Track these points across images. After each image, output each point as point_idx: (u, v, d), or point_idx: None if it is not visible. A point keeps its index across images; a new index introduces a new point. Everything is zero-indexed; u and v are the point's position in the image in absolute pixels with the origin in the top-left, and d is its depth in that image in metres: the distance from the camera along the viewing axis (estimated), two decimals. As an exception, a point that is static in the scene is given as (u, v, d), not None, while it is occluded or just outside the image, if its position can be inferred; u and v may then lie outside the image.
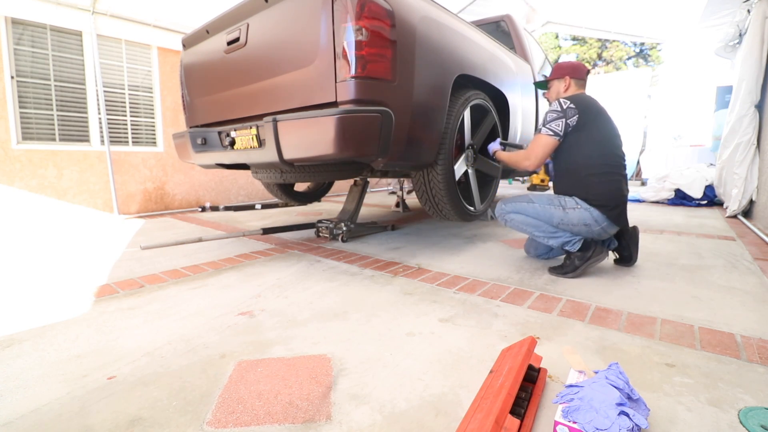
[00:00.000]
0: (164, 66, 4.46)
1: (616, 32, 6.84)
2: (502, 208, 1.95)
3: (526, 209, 1.85)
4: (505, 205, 1.93)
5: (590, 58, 16.32)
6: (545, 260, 2.09)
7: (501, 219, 1.97)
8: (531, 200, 1.86)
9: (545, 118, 1.84)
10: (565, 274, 1.80)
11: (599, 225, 1.76)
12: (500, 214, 1.96)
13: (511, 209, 1.90)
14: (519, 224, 1.90)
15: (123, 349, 1.15)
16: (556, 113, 1.80)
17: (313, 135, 1.63)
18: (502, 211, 1.95)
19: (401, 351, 1.11)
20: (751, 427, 0.77)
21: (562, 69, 1.95)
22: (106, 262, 2.17)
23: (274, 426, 0.81)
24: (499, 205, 1.97)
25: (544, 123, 1.83)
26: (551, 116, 1.81)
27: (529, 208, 1.85)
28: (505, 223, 1.95)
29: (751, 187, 3.41)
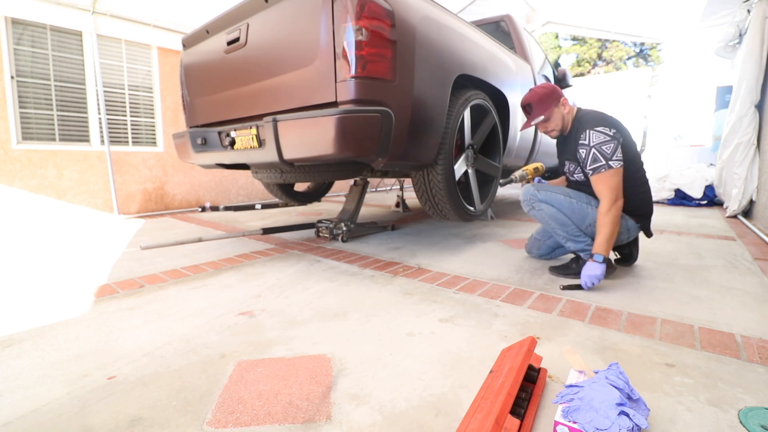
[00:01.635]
0: (164, 66, 4.46)
1: (616, 32, 6.83)
2: (533, 193, 1.78)
3: (561, 203, 1.74)
4: (538, 192, 1.77)
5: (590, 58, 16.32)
6: (546, 260, 2.09)
7: (527, 204, 1.81)
8: (569, 195, 1.76)
9: (603, 152, 1.61)
10: (566, 275, 1.79)
11: (629, 233, 1.77)
12: (528, 200, 1.80)
13: (544, 198, 1.76)
14: (546, 216, 1.77)
15: (123, 349, 1.15)
16: (610, 140, 1.61)
17: (313, 135, 1.63)
18: (532, 197, 1.78)
19: (401, 351, 1.11)
20: (751, 427, 0.77)
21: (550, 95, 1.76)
22: (106, 262, 2.17)
23: (274, 426, 0.81)
24: (530, 189, 1.80)
25: (608, 157, 1.60)
26: (609, 147, 1.61)
27: (565, 202, 1.75)
28: (530, 209, 1.80)
29: (751, 187, 3.41)
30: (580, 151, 1.68)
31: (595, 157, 1.63)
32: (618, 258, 1.99)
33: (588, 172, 1.67)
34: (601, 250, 1.59)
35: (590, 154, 1.64)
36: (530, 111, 1.81)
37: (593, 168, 1.64)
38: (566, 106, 1.79)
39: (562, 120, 1.80)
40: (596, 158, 1.63)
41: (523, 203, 1.84)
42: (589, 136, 1.64)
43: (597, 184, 1.65)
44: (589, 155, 1.64)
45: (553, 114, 1.78)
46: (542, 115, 1.76)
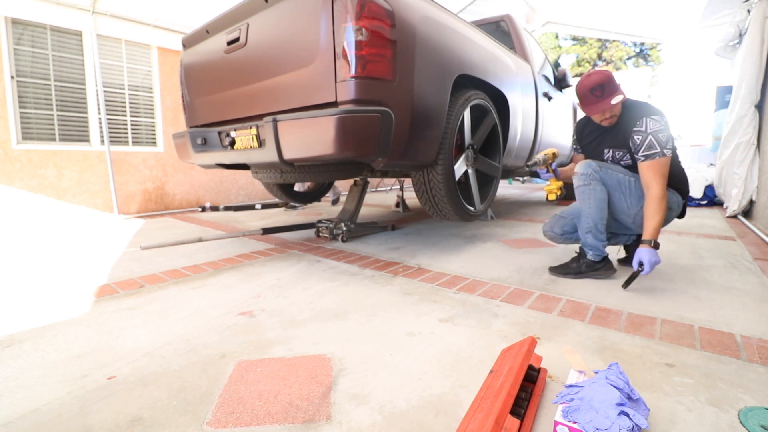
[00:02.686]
0: (164, 66, 4.46)
1: (616, 32, 6.83)
2: (595, 169, 1.68)
3: (621, 182, 1.69)
4: (600, 170, 1.68)
5: (590, 58, 16.32)
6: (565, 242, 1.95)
7: (584, 178, 1.68)
8: (630, 175, 1.71)
9: (659, 140, 1.60)
10: (566, 274, 1.80)
11: (677, 211, 1.77)
12: (589, 174, 1.68)
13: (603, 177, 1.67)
14: (593, 198, 1.68)
15: (123, 349, 1.15)
16: (665, 129, 1.61)
17: (313, 135, 1.63)
18: (593, 172, 1.68)
19: (401, 351, 1.11)
20: (751, 427, 0.77)
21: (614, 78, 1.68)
22: (106, 262, 2.17)
23: (274, 426, 0.81)
24: (592, 163, 1.69)
25: (663, 145, 1.59)
26: (665, 136, 1.60)
27: (625, 181, 1.69)
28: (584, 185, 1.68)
29: (751, 187, 3.41)
30: (635, 137, 1.65)
31: (651, 144, 1.61)
32: (626, 257, 1.98)
33: (639, 158, 1.64)
34: (655, 235, 1.58)
35: (646, 140, 1.62)
36: (602, 93, 1.66)
37: (647, 154, 1.62)
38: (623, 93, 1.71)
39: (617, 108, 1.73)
40: (652, 145, 1.61)
41: (581, 176, 1.70)
42: (646, 123, 1.63)
43: (649, 170, 1.62)
44: (644, 141, 1.63)
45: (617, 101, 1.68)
46: (621, 95, 1.65)
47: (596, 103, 1.69)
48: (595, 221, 1.71)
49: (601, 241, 1.74)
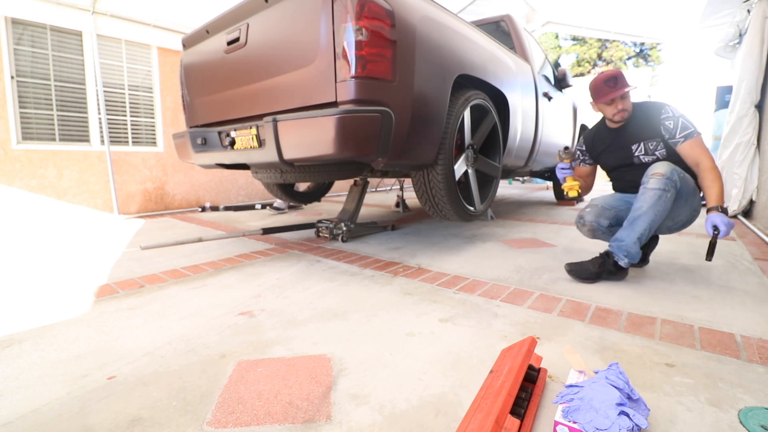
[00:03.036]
0: (164, 66, 4.46)
1: (616, 32, 6.83)
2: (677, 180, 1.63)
3: (688, 191, 1.69)
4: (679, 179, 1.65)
5: (590, 58, 16.32)
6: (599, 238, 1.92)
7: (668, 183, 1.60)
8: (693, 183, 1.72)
9: (687, 120, 1.69)
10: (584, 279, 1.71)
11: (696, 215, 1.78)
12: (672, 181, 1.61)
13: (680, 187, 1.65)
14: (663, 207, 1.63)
15: (123, 349, 1.15)
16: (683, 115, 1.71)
17: (313, 135, 1.63)
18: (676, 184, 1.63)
19: (401, 351, 1.11)
20: (751, 427, 0.77)
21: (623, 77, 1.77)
22: (106, 262, 2.17)
23: (274, 426, 0.81)
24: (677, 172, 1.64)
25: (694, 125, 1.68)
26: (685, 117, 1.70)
27: (691, 190, 1.70)
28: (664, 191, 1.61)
29: (751, 187, 3.41)
30: (666, 123, 1.70)
31: (685, 125, 1.68)
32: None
33: (679, 140, 1.68)
34: (720, 201, 1.60)
35: (678, 123, 1.69)
36: (615, 84, 1.75)
37: (686, 134, 1.67)
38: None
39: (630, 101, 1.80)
40: (686, 126, 1.68)
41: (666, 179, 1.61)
42: (670, 110, 1.71)
43: (693, 147, 1.67)
44: (678, 124, 1.69)
45: (627, 94, 1.77)
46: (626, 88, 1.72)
47: (610, 92, 1.74)
48: (651, 228, 1.65)
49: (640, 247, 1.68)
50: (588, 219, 1.87)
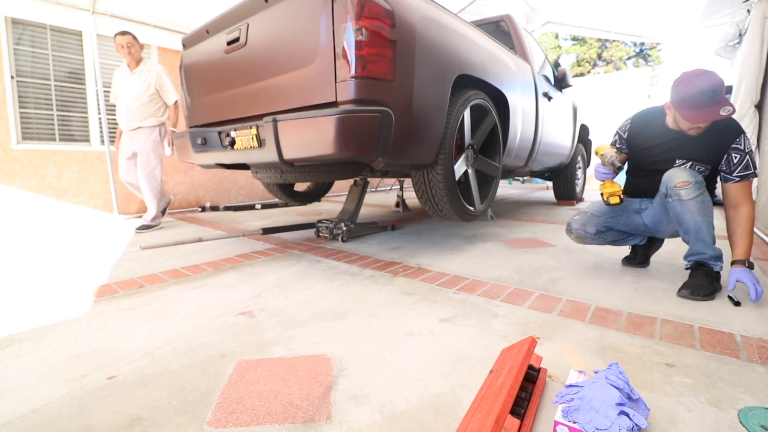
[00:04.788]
0: (164, 66, 4.45)
1: (616, 32, 6.83)
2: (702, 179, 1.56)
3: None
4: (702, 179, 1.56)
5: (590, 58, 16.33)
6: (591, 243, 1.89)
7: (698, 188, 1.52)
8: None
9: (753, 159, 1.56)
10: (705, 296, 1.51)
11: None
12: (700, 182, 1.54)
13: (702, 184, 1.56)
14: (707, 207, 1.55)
15: (123, 349, 1.15)
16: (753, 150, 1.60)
17: (313, 135, 1.63)
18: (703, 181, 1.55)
19: (401, 351, 1.11)
20: (751, 427, 0.77)
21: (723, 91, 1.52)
22: (106, 262, 2.17)
23: (274, 426, 0.81)
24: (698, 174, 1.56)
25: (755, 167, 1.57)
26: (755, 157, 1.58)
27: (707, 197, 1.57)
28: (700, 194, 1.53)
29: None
30: (733, 155, 1.55)
31: (747, 165, 1.55)
32: (633, 258, 1.97)
33: (734, 178, 1.56)
34: (748, 255, 1.50)
35: (744, 160, 1.55)
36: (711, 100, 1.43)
37: (743, 175, 1.55)
38: None
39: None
40: (748, 166, 1.55)
41: (697, 185, 1.53)
42: (744, 141, 1.55)
43: (742, 190, 1.56)
44: (743, 161, 1.55)
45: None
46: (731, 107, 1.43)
47: (704, 110, 1.45)
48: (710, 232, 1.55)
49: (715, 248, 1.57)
50: (574, 227, 1.87)
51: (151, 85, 3.18)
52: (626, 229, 1.82)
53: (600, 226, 1.81)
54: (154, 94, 3.22)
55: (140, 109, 3.17)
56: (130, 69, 3.18)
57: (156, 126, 3.27)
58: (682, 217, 1.56)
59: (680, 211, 1.55)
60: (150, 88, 3.18)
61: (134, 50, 3.13)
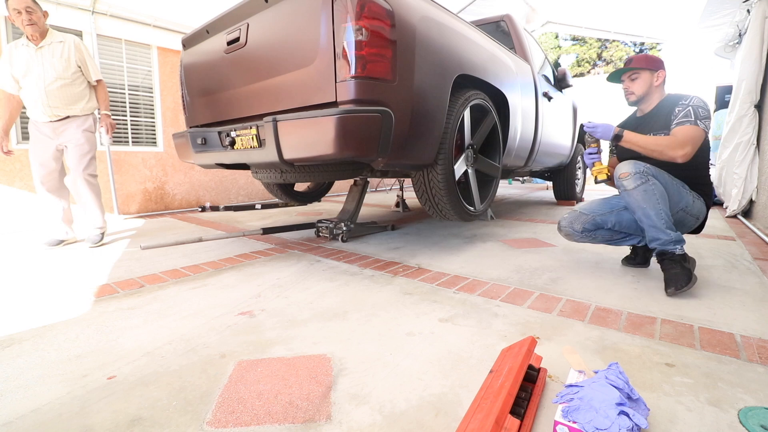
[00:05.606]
0: (164, 66, 4.46)
1: (616, 32, 6.84)
2: (648, 168, 1.61)
3: (667, 183, 1.64)
4: (649, 168, 1.62)
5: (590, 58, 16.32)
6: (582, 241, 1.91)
7: (641, 177, 1.59)
8: (673, 177, 1.68)
9: (697, 112, 1.59)
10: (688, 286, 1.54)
11: (700, 221, 1.76)
12: (643, 172, 1.60)
13: (655, 173, 1.62)
14: (657, 195, 1.59)
15: (123, 349, 1.15)
16: (706, 111, 1.61)
17: (313, 135, 1.63)
18: (647, 171, 1.60)
19: (401, 351, 1.12)
20: (751, 427, 0.77)
21: (657, 61, 1.75)
22: (106, 262, 2.17)
23: (274, 426, 0.81)
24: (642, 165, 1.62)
25: (699, 117, 1.59)
26: (703, 113, 1.60)
27: (670, 183, 1.65)
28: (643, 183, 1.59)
29: (751, 187, 3.42)
30: (676, 109, 1.65)
31: (687, 113, 1.61)
32: (633, 258, 1.96)
33: (673, 126, 1.63)
34: (630, 137, 1.66)
35: (684, 110, 1.62)
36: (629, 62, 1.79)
37: (680, 121, 1.61)
38: (659, 80, 1.76)
39: (647, 89, 1.77)
40: (688, 114, 1.61)
41: (636, 174, 1.60)
42: (691, 99, 1.64)
43: (677, 132, 1.60)
44: (683, 111, 1.63)
45: (641, 76, 1.76)
46: (638, 66, 1.74)
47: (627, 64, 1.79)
48: (666, 216, 1.60)
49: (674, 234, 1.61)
50: (563, 225, 1.92)
51: (71, 60, 2.52)
52: (618, 227, 1.84)
53: (587, 224, 1.83)
54: (77, 72, 2.56)
55: (63, 92, 2.50)
56: (33, 43, 2.45)
57: (88, 113, 2.66)
58: (631, 207, 1.65)
59: (628, 201, 1.64)
60: (71, 65, 2.51)
61: (37, 17, 2.40)
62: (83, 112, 2.61)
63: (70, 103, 2.55)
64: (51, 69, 2.46)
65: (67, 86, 2.52)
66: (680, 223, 1.73)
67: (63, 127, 2.56)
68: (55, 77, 2.46)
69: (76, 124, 2.58)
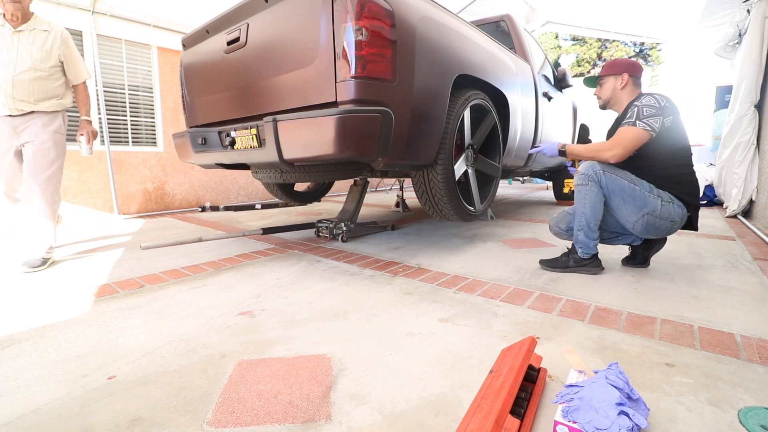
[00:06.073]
0: (164, 66, 4.45)
1: (616, 32, 6.84)
2: (597, 173, 1.70)
3: (623, 189, 1.69)
4: (603, 174, 1.70)
5: (590, 58, 16.31)
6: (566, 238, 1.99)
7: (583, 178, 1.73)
8: (634, 182, 1.70)
9: (640, 111, 1.67)
10: (553, 268, 1.87)
11: (680, 223, 1.74)
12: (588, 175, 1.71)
13: (605, 182, 1.70)
14: (587, 199, 1.73)
15: (123, 349, 1.15)
16: (654, 109, 1.65)
17: (313, 135, 1.63)
18: (594, 176, 1.71)
19: (401, 351, 1.12)
20: (751, 427, 0.77)
21: (618, 65, 1.84)
22: (105, 262, 2.17)
23: (274, 426, 0.81)
24: (596, 166, 1.71)
25: (640, 117, 1.66)
26: (648, 111, 1.66)
27: (629, 189, 1.69)
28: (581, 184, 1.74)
29: (751, 187, 3.42)
30: (629, 111, 1.74)
31: (632, 114, 1.69)
32: (632, 259, 1.96)
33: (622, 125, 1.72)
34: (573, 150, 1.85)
35: (631, 110, 1.71)
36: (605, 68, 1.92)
37: (624, 122, 1.71)
38: (623, 83, 1.83)
39: (612, 92, 1.87)
40: (632, 115, 1.69)
41: (580, 175, 1.75)
42: (642, 99, 1.71)
43: (617, 133, 1.72)
44: (629, 112, 1.72)
45: (606, 82, 1.88)
46: (602, 74, 1.89)
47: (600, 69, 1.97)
48: (587, 220, 1.77)
49: (592, 239, 1.80)
50: (551, 224, 2.02)
51: (53, 52, 2.18)
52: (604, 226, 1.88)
53: (571, 223, 1.92)
54: (57, 67, 2.22)
55: (34, 85, 2.13)
56: (12, 25, 2.10)
57: (58, 111, 2.25)
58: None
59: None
60: (51, 57, 2.17)
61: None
62: (51, 108, 2.21)
63: (40, 98, 2.16)
64: (27, 57, 2.11)
65: (40, 80, 2.15)
66: (651, 226, 1.73)
67: (25, 125, 2.14)
68: (28, 67, 2.11)
69: (42, 122, 2.17)
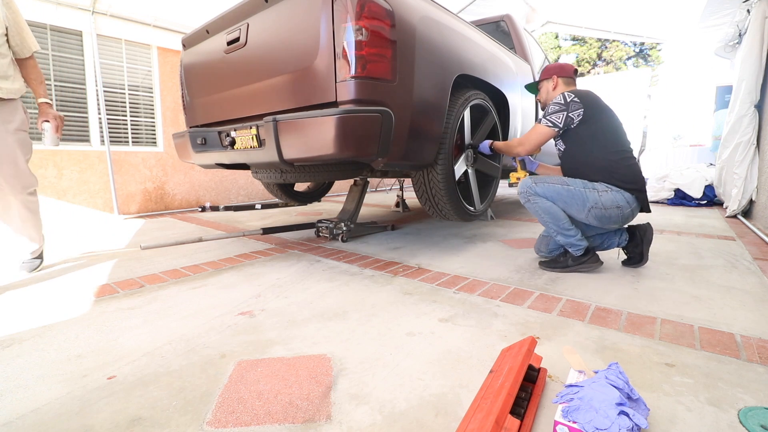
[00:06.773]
0: (164, 66, 4.45)
1: (616, 32, 6.84)
2: (530, 186, 1.83)
3: (559, 192, 1.78)
4: (536, 184, 1.82)
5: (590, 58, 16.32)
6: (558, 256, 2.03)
7: (523, 197, 1.86)
8: (566, 183, 1.79)
9: (547, 109, 1.87)
10: (553, 268, 1.88)
11: (630, 206, 1.75)
12: (525, 192, 1.85)
13: (541, 191, 1.81)
14: (540, 210, 1.82)
15: (123, 349, 1.15)
16: (558, 106, 1.81)
17: (313, 135, 1.63)
18: (528, 189, 1.84)
19: (401, 351, 1.12)
20: (751, 427, 0.77)
21: (549, 70, 2.03)
22: (105, 262, 2.17)
23: (274, 426, 0.81)
24: (527, 181, 1.86)
25: (545, 114, 1.85)
26: (552, 108, 1.83)
27: (563, 191, 1.77)
28: (526, 202, 1.86)
29: (751, 187, 3.41)
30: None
31: (543, 112, 1.91)
32: (627, 258, 1.96)
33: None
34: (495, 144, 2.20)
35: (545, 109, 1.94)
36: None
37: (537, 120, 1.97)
38: (555, 85, 2.01)
39: (547, 94, 2.05)
40: (542, 113, 1.91)
41: (520, 195, 1.89)
42: (561, 97, 1.84)
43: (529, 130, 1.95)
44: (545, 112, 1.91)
45: (543, 85, 2.07)
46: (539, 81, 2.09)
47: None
48: (556, 226, 1.83)
49: (572, 236, 1.82)
50: (535, 251, 2.08)
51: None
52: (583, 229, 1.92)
53: (551, 245, 1.97)
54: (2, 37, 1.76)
55: None
56: None
57: (15, 99, 1.84)
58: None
59: None
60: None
61: None
62: (7, 96, 1.78)
63: None
64: None
65: None
66: (603, 217, 1.77)
67: None
68: None
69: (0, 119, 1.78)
